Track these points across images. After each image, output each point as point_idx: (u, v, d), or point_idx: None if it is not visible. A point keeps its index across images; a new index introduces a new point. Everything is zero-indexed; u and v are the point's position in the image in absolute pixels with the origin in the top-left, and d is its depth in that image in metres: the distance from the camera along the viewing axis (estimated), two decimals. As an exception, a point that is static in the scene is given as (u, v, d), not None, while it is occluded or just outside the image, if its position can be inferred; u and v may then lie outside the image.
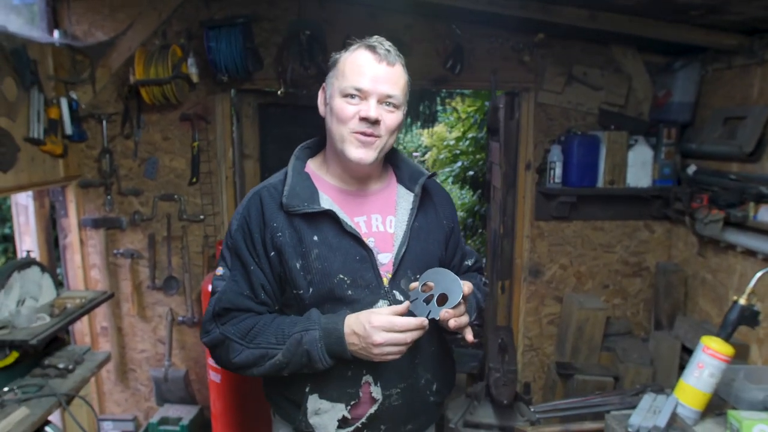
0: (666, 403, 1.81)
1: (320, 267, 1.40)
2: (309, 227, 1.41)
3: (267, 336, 1.39)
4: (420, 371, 1.53)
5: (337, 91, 1.40)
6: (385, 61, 1.38)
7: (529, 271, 3.40)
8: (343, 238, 1.43)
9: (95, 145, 3.22)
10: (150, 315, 3.39)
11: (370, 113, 1.37)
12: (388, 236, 1.50)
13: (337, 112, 1.39)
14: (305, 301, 1.43)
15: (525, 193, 3.34)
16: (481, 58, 3.20)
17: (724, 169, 2.91)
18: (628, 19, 2.74)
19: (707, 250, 3.06)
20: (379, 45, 1.40)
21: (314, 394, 1.46)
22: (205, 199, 3.29)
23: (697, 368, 1.95)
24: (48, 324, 2.43)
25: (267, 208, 1.43)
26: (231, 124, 3.31)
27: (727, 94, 2.94)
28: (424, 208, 1.57)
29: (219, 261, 1.50)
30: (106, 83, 3.17)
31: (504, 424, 3.00)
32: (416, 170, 1.61)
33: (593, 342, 3.24)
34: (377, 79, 1.37)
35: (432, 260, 1.54)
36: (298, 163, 1.52)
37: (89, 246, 3.31)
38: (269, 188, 1.47)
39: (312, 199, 1.43)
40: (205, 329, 1.46)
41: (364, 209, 1.51)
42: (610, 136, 3.11)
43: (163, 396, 3.40)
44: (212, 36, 2.94)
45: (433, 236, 1.57)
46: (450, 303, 1.33)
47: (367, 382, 1.46)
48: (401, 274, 1.47)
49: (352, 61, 1.38)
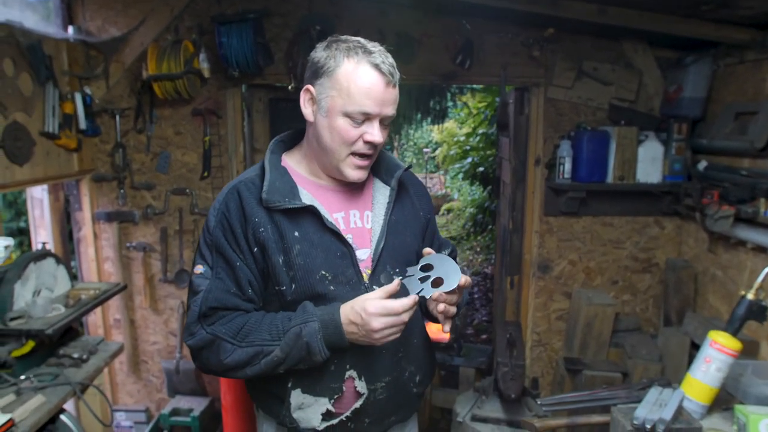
0: (672, 397, 1.81)
1: (302, 263, 1.38)
2: (290, 223, 1.39)
3: (260, 333, 1.35)
4: (404, 364, 1.53)
5: (339, 110, 1.34)
6: (392, 83, 1.36)
7: (538, 266, 3.40)
8: (324, 234, 1.41)
9: (108, 140, 3.27)
10: (162, 307, 3.43)
11: (376, 138, 1.36)
12: (365, 231, 1.49)
13: (339, 133, 1.36)
14: (287, 298, 1.40)
15: (534, 189, 3.34)
16: (491, 53, 3.20)
17: (735, 164, 2.89)
18: (637, 14, 2.72)
19: (717, 246, 3.04)
20: (382, 62, 1.34)
21: (297, 388, 1.44)
22: (216, 193, 3.31)
23: (704, 362, 1.94)
24: (63, 314, 2.48)
25: (246, 203, 1.39)
26: (242, 119, 3.33)
27: (739, 89, 2.92)
28: (400, 201, 1.56)
29: (197, 258, 1.44)
30: (119, 78, 3.22)
31: (511, 418, 3.01)
32: (393, 163, 1.59)
33: (602, 338, 3.23)
34: (384, 102, 1.35)
35: (410, 253, 1.54)
36: (274, 158, 1.49)
37: (102, 239, 3.36)
38: (246, 183, 1.43)
39: (292, 194, 1.41)
40: (189, 331, 1.39)
41: (342, 205, 1.50)
42: (620, 132, 3.10)
43: (174, 387, 3.45)
44: (223, 31, 2.97)
45: (410, 229, 1.56)
46: (445, 287, 1.33)
47: (351, 377, 1.45)
48: (380, 270, 1.46)
49: (359, 81, 1.33)
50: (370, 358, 1.42)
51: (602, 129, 3.15)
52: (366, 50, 1.35)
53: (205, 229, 1.44)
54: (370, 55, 1.34)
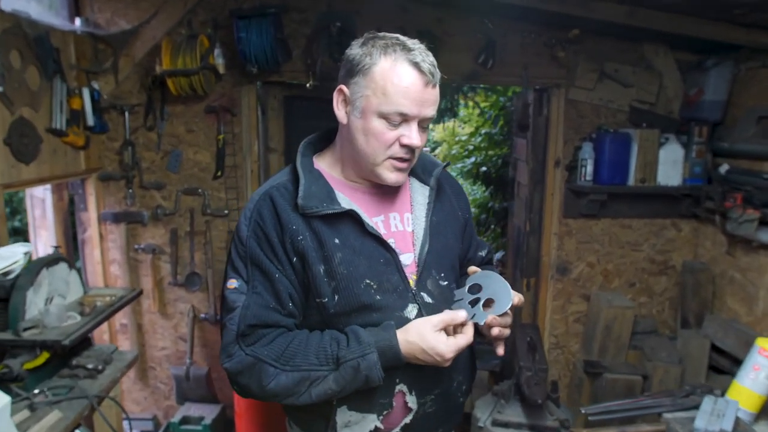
0: (728, 407, 1.80)
1: (345, 272, 1.29)
2: (329, 230, 1.30)
3: (307, 356, 1.26)
4: (453, 374, 1.46)
5: (374, 110, 1.25)
6: (431, 84, 1.26)
7: (557, 268, 3.38)
8: (365, 240, 1.33)
9: (117, 137, 3.13)
10: (171, 312, 3.31)
11: (414, 141, 1.27)
12: (407, 235, 1.41)
13: (375, 135, 1.27)
14: (329, 310, 1.31)
15: (554, 191, 3.32)
16: (513, 53, 3.16)
17: (757, 168, 2.90)
18: (666, 17, 2.71)
19: (736, 249, 3.06)
20: (422, 61, 1.24)
21: (343, 405, 1.35)
22: (229, 194, 3.21)
23: (752, 370, 1.94)
24: (80, 323, 2.36)
25: (281, 209, 1.30)
26: (257, 117, 3.23)
27: (761, 93, 2.94)
28: (439, 201, 1.48)
29: (229, 272, 1.34)
30: (129, 73, 3.08)
31: (534, 423, 2.98)
32: (429, 161, 1.52)
33: (621, 340, 3.23)
34: (424, 103, 1.26)
35: (453, 256, 1.49)
36: (306, 161, 1.39)
37: (109, 241, 3.22)
38: (279, 188, 1.34)
39: (330, 199, 1.31)
40: (227, 352, 1.28)
41: (381, 208, 1.41)
42: (641, 134, 3.09)
43: (184, 395, 3.33)
44: (242, 26, 2.86)
45: (451, 230, 1.50)
46: (497, 309, 1.28)
47: (401, 391, 1.37)
48: (426, 275, 1.39)
49: (396, 80, 1.23)
50: (421, 370, 1.34)
51: (624, 131, 3.14)
52: (405, 47, 1.26)
53: (236, 240, 1.34)
54: (409, 53, 1.25)
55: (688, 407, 1.98)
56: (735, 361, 2.85)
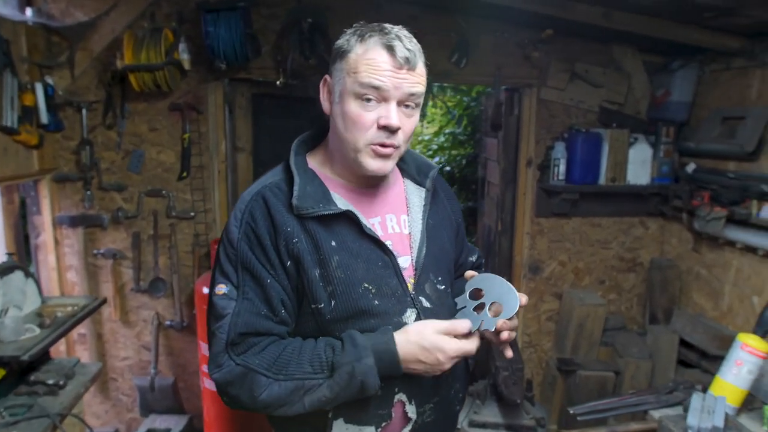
0: (717, 403, 1.82)
1: (342, 276, 1.24)
2: (325, 231, 1.25)
3: (301, 364, 1.19)
4: (451, 381, 1.42)
5: (349, 92, 1.21)
6: (407, 68, 1.20)
7: (529, 267, 3.40)
8: (362, 242, 1.28)
9: (73, 136, 2.95)
10: (134, 320, 3.14)
11: (391, 121, 1.20)
12: (404, 237, 1.37)
13: (351, 118, 1.21)
14: (325, 317, 1.25)
15: (526, 190, 3.33)
16: (486, 52, 3.15)
17: (722, 167, 2.99)
18: (640, 19, 2.76)
19: (702, 245, 3.15)
20: (397, 43, 1.19)
21: (339, 418, 1.28)
22: (196, 195, 3.07)
23: (735, 365, 1.98)
24: (39, 336, 2.19)
25: (275, 210, 1.24)
26: (224, 115, 3.10)
27: (724, 95, 3.03)
28: (434, 204, 1.45)
29: (217, 277, 1.27)
30: (86, 68, 2.90)
31: (511, 422, 2.98)
32: (423, 163, 1.48)
33: (593, 337, 3.28)
34: (399, 82, 1.20)
35: (449, 260, 1.46)
36: (299, 160, 1.33)
37: (65, 246, 3.03)
38: (272, 188, 1.28)
39: (326, 199, 1.26)
40: (216, 362, 1.21)
41: (378, 209, 1.36)
42: (612, 134, 3.14)
43: (148, 406, 3.17)
44: (210, 20, 2.73)
45: (446, 233, 1.46)
46: (505, 314, 1.22)
47: (401, 401, 1.32)
48: (424, 279, 1.35)
49: (368, 59, 1.19)
50: (419, 378, 1.29)
51: (595, 131, 3.18)
52: (383, 31, 1.22)
53: (225, 243, 1.26)
54: (384, 36, 1.20)
55: (672, 403, 2.01)
56: (703, 355, 2.93)
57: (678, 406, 2.03)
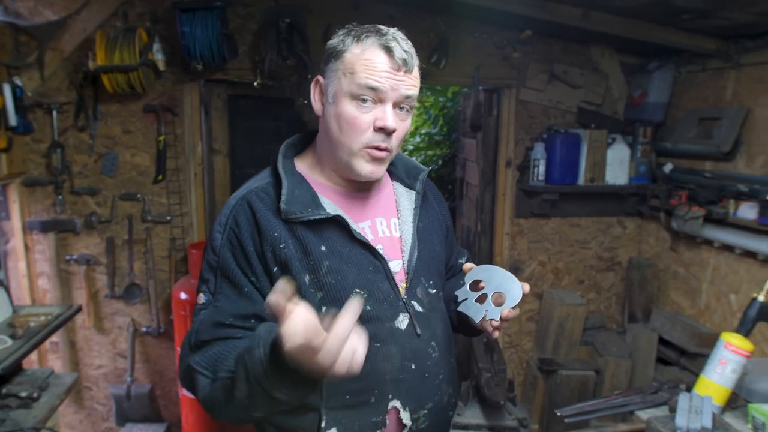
0: (704, 403, 1.83)
1: (333, 282, 1.21)
2: (314, 236, 1.21)
3: (228, 362, 1.09)
4: (444, 386, 1.39)
5: (344, 92, 1.19)
6: (404, 69, 1.18)
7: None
8: (353, 246, 1.25)
9: (43, 139, 2.86)
10: (109, 327, 3.06)
11: (388, 123, 1.17)
12: (395, 241, 1.34)
13: (347, 120, 1.19)
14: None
15: (505, 191, 3.33)
16: (466, 53, 3.13)
17: (698, 167, 3.03)
18: (618, 20, 2.77)
19: (680, 244, 3.19)
20: (395, 46, 1.18)
21: (332, 428, 1.23)
22: (172, 199, 3.00)
23: (719, 365, 1.99)
24: (11, 348, 2.13)
25: (261, 215, 1.20)
26: (200, 117, 3.03)
27: (700, 96, 3.07)
28: (424, 207, 1.43)
29: (199, 285, 1.24)
30: (57, 68, 2.81)
31: (494, 423, 2.98)
32: (412, 165, 1.46)
33: (573, 337, 3.30)
34: (396, 83, 1.18)
35: (440, 263, 1.44)
36: (287, 163, 1.30)
37: (36, 252, 2.94)
38: (258, 192, 1.25)
39: (314, 203, 1.23)
40: (181, 363, 1.21)
41: (367, 213, 1.33)
42: (591, 135, 3.15)
43: (124, 415, 3.09)
44: (186, 20, 2.67)
45: (436, 236, 1.44)
46: (510, 302, 1.22)
47: (395, 408, 1.28)
48: (416, 283, 1.32)
49: (365, 59, 1.17)
50: (413, 384, 1.28)
51: (574, 132, 3.19)
52: (379, 33, 1.20)
53: (208, 250, 1.24)
54: (381, 37, 1.19)
55: (658, 403, 2.02)
56: (682, 353, 2.96)
57: (663, 406, 2.04)
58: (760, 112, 2.66)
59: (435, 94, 5.20)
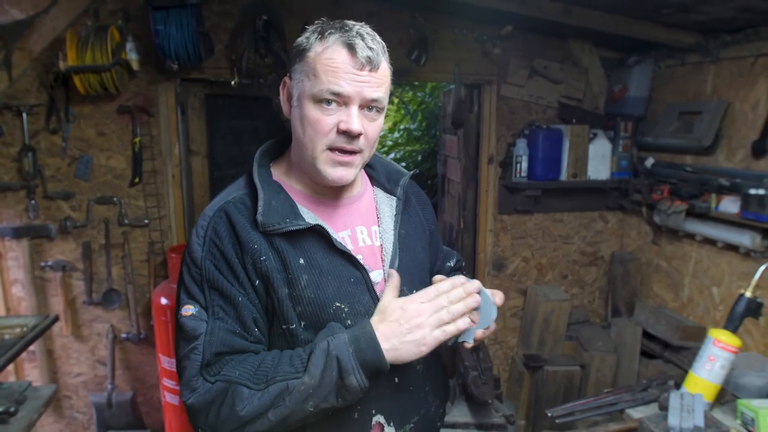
0: (695, 402, 1.83)
1: (312, 296, 1.17)
2: (293, 249, 1.18)
3: (282, 367, 1.11)
4: (431, 398, 1.38)
5: (308, 95, 1.14)
6: (368, 68, 1.13)
7: (493, 265, 3.39)
8: (333, 257, 1.21)
9: (13, 142, 2.76)
10: (87, 334, 2.99)
11: (352, 126, 1.13)
12: (376, 250, 1.31)
13: (310, 123, 1.15)
14: (298, 337, 1.18)
15: (488, 187, 3.31)
16: (445, 49, 3.10)
17: (678, 161, 3.05)
18: (599, 15, 2.77)
19: (661, 238, 3.20)
20: (359, 41, 1.12)
21: None
22: (149, 201, 2.93)
23: (708, 361, 1.99)
24: (-15, 361, 2.05)
25: (239, 227, 1.17)
26: (176, 117, 2.96)
27: (680, 90, 3.08)
28: (406, 213, 1.39)
29: (183, 299, 1.19)
30: (26, 69, 2.72)
31: (481, 421, 2.98)
32: (394, 169, 1.42)
33: (558, 332, 3.30)
34: (361, 84, 1.13)
35: (423, 271, 1.40)
36: (263, 172, 1.26)
37: (9, 259, 2.85)
38: (235, 203, 1.20)
39: (293, 213, 1.19)
40: (190, 387, 1.12)
41: (347, 221, 1.29)
42: (573, 130, 3.15)
43: (105, 423, 3.02)
44: (160, 18, 2.59)
45: (420, 243, 1.41)
46: (483, 322, 1.17)
47: (379, 423, 1.25)
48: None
49: (326, 60, 1.12)
50: (397, 398, 1.25)
51: (555, 127, 3.18)
52: (343, 28, 1.15)
53: (188, 263, 1.19)
54: (344, 34, 1.13)
55: (648, 401, 2.02)
56: (665, 346, 2.98)
57: (653, 403, 2.03)
58: (740, 106, 2.68)
59: (413, 90, 5.17)
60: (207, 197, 3.30)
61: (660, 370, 2.88)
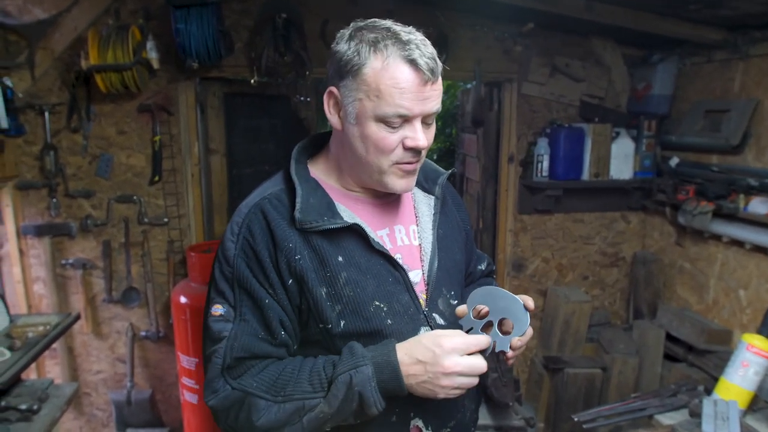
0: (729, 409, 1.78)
1: (351, 294, 1.15)
2: (331, 246, 1.16)
3: (300, 383, 1.10)
4: (467, 403, 1.33)
5: (370, 115, 1.10)
6: (431, 81, 1.09)
7: (513, 265, 3.35)
8: (371, 256, 1.19)
9: (36, 141, 2.79)
10: (107, 332, 3.01)
11: (420, 143, 1.12)
12: (415, 249, 1.28)
13: (375, 141, 1.12)
14: (335, 337, 1.17)
15: (508, 187, 3.27)
16: (465, 47, 3.07)
17: (704, 161, 2.98)
18: (621, 11, 2.71)
19: (686, 239, 3.14)
20: (420, 56, 1.07)
21: None
22: (169, 200, 2.94)
23: (741, 367, 1.94)
24: (10, 361, 2.07)
25: (275, 224, 1.15)
26: (196, 116, 2.96)
27: (706, 88, 3.01)
28: (444, 212, 1.36)
29: (213, 296, 1.19)
30: (48, 68, 2.74)
31: (501, 423, 2.95)
32: (431, 168, 1.39)
33: (579, 334, 3.25)
34: (425, 100, 1.10)
35: (460, 272, 1.38)
36: (301, 168, 1.23)
37: (31, 257, 2.87)
38: (271, 200, 1.18)
39: (331, 211, 1.17)
40: (211, 388, 1.14)
41: (386, 220, 1.27)
42: (595, 129, 3.10)
43: (125, 421, 3.04)
44: (180, 16, 2.59)
45: (456, 244, 1.38)
46: (518, 330, 1.13)
47: (417, 426, 1.23)
48: (437, 294, 1.26)
49: (390, 80, 1.07)
50: (437, 402, 1.19)
51: (577, 126, 3.14)
52: (398, 40, 1.08)
53: (221, 260, 1.18)
54: (404, 48, 1.07)
55: (677, 407, 1.97)
56: (689, 349, 2.92)
57: (683, 409, 1.99)
58: (769, 104, 2.61)
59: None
60: (226, 196, 3.30)
61: (684, 374, 2.82)
